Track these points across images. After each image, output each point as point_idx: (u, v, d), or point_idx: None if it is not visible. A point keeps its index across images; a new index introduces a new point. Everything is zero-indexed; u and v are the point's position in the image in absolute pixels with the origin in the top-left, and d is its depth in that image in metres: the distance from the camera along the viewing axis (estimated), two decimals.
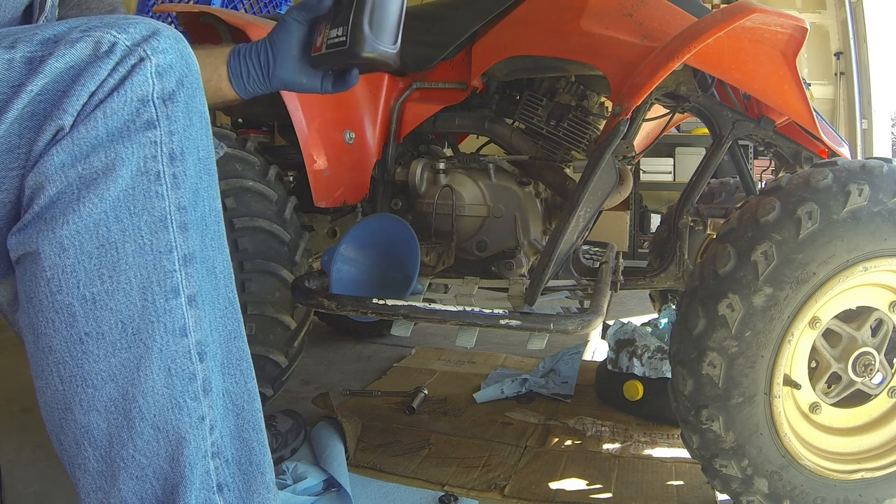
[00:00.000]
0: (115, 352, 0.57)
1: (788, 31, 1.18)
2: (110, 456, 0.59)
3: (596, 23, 1.30)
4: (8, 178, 0.54)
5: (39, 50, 0.53)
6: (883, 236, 0.98)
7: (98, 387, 0.57)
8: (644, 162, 4.10)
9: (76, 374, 0.57)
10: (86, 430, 0.58)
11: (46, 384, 0.58)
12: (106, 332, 0.57)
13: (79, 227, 0.54)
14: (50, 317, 0.56)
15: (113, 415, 0.58)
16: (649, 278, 1.46)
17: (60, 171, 0.53)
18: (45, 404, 0.60)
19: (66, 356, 0.57)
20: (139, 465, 0.60)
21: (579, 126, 1.46)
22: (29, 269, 0.55)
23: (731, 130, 1.33)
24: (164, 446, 0.60)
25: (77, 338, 0.56)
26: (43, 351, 0.57)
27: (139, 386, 0.58)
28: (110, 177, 0.54)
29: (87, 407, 0.58)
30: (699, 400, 1.02)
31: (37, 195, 0.54)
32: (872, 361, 1.06)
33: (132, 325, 0.57)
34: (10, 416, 1.60)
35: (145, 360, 0.58)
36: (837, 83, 4.04)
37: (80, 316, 0.56)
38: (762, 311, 0.98)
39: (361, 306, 1.20)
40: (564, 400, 1.70)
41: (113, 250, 0.56)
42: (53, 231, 0.53)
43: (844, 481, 1.07)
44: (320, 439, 1.35)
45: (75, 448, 0.59)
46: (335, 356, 2.13)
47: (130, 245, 0.56)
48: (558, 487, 1.27)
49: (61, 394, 0.58)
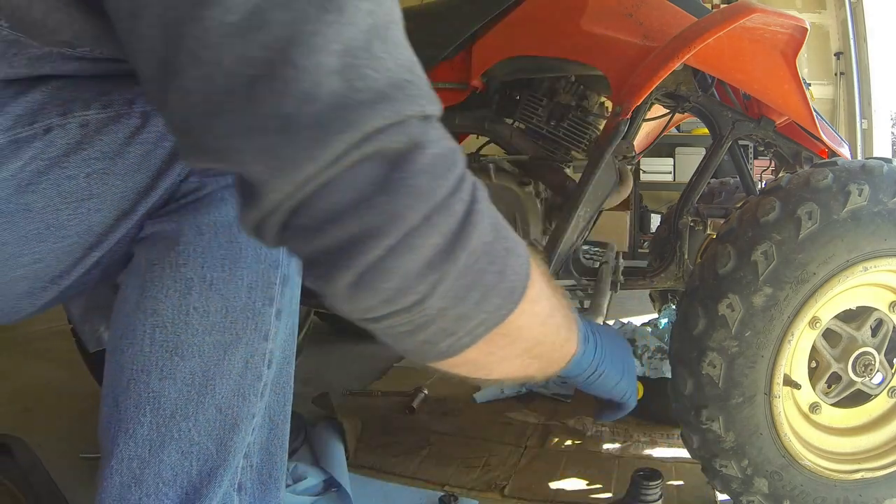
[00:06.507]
0: (212, 331, 0.63)
1: (788, 31, 1.19)
2: (167, 426, 0.63)
3: (596, 23, 1.30)
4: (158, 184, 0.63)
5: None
6: (883, 236, 0.98)
7: (186, 357, 0.62)
8: (644, 162, 4.10)
9: (170, 340, 0.62)
10: (154, 396, 0.62)
11: (131, 343, 0.63)
12: (211, 312, 0.63)
13: (217, 219, 0.63)
14: (167, 283, 0.62)
15: (188, 387, 0.63)
16: (649, 278, 1.46)
17: (213, 179, 0.65)
18: (117, 363, 0.64)
19: (167, 322, 0.62)
20: (191, 441, 0.64)
21: (579, 126, 1.46)
22: (161, 241, 0.62)
23: (731, 130, 1.33)
24: (219, 429, 0.65)
25: (185, 309, 0.62)
26: (144, 311, 0.62)
27: (220, 367, 0.64)
28: None
29: (166, 374, 0.62)
30: (699, 400, 1.02)
31: (191, 192, 0.64)
32: (872, 361, 1.06)
33: (233, 314, 0.64)
34: (11, 416, 1.60)
35: (232, 347, 0.64)
36: (837, 83, 4.04)
37: (195, 291, 0.62)
38: (762, 311, 0.98)
39: None
40: (564, 400, 1.70)
41: (237, 248, 0.63)
42: (196, 217, 0.62)
43: (844, 481, 1.07)
44: (320, 439, 1.35)
45: (133, 412, 0.63)
46: (335, 356, 2.13)
47: (251, 250, 0.64)
48: (558, 487, 1.27)
49: (145, 356, 0.62)
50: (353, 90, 0.40)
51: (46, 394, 1.78)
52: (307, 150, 0.40)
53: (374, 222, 0.42)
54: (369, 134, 0.41)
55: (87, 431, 1.54)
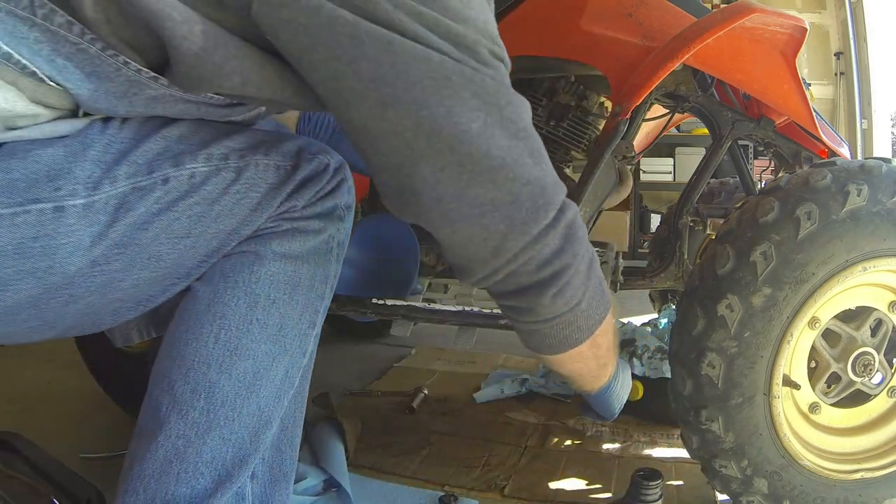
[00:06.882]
0: (267, 341, 0.74)
1: (788, 31, 1.19)
2: (215, 413, 0.72)
3: (596, 23, 1.30)
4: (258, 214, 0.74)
5: (287, 161, 0.75)
6: (882, 236, 0.98)
7: (242, 358, 0.73)
8: (644, 162, 4.10)
9: (232, 341, 0.73)
10: (211, 386, 0.72)
11: (197, 338, 0.72)
12: (269, 325, 0.74)
13: (287, 251, 0.75)
14: (238, 295, 0.73)
15: (240, 383, 0.73)
16: (649, 278, 1.46)
17: (289, 221, 0.76)
18: (178, 353, 0.73)
19: (232, 325, 0.73)
20: (232, 430, 0.73)
21: (579, 126, 1.46)
22: (240, 259, 0.74)
23: (731, 130, 1.33)
24: (256, 423, 0.75)
25: (249, 319, 0.73)
26: (213, 314, 0.73)
27: (267, 372, 0.75)
28: (316, 235, 0.77)
29: (224, 369, 0.72)
30: (698, 400, 1.02)
31: (276, 227, 0.75)
32: (872, 361, 1.06)
33: (286, 329, 0.76)
34: (11, 416, 1.60)
35: (279, 357, 0.76)
36: (837, 83, 4.04)
37: (259, 307, 0.74)
38: (761, 311, 0.98)
39: (361, 306, 1.19)
40: (564, 400, 1.70)
41: (298, 276, 0.76)
42: (272, 246, 0.74)
43: (844, 481, 1.07)
44: (320, 439, 1.35)
45: (189, 395, 0.72)
46: (335, 356, 2.13)
47: (307, 280, 0.77)
48: (558, 487, 1.27)
49: (208, 351, 0.72)
50: (548, 174, 0.69)
51: (46, 394, 1.79)
52: (535, 221, 0.68)
53: (567, 260, 0.72)
54: (559, 208, 0.70)
55: (87, 431, 1.54)
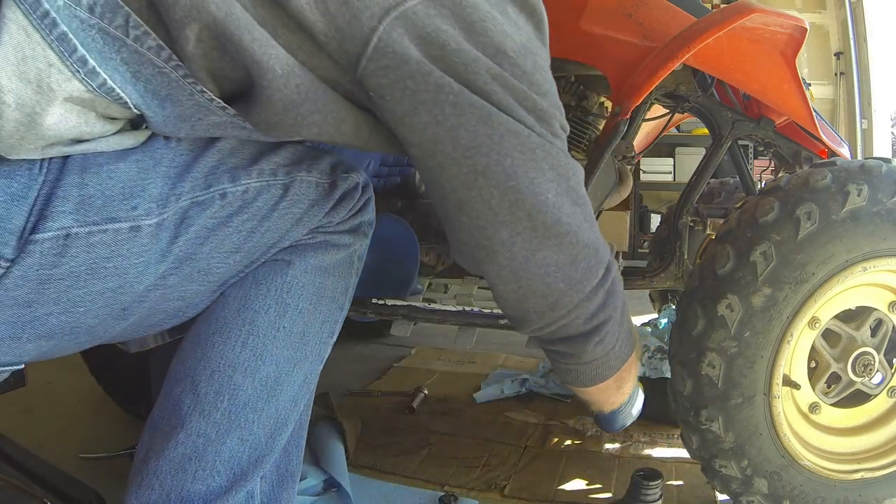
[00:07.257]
0: (290, 347, 0.77)
1: (788, 31, 1.18)
2: (237, 414, 0.74)
3: (595, 23, 1.30)
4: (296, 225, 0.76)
5: (326, 178, 0.77)
6: (882, 236, 0.98)
7: (266, 363, 0.75)
8: (644, 162, 4.10)
9: (258, 346, 0.75)
10: (235, 389, 0.74)
11: (224, 342, 0.74)
12: (293, 332, 0.77)
13: (319, 263, 0.78)
14: (269, 303, 0.75)
15: (262, 387, 0.75)
16: (649, 278, 1.46)
17: (323, 235, 0.79)
18: (203, 354, 0.74)
19: (260, 331, 0.75)
20: (250, 432, 0.75)
21: (579, 126, 1.46)
22: (273, 268, 0.76)
23: (731, 130, 1.33)
24: (274, 425, 0.77)
25: (277, 326, 0.76)
26: (242, 320, 0.75)
27: (288, 377, 0.78)
28: (344, 249, 0.80)
29: (249, 373, 0.74)
30: (698, 400, 1.02)
31: (310, 238, 0.78)
32: (872, 361, 1.06)
33: (307, 338, 0.79)
34: (11, 416, 1.60)
35: (300, 363, 0.79)
36: (837, 83, 4.04)
37: (287, 315, 0.76)
38: (761, 311, 0.98)
39: (361, 306, 1.19)
40: (564, 400, 1.70)
41: (324, 287, 0.79)
42: (304, 258, 0.77)
43: (844, 481, 1.07)
44: (320, 439, 1.35)
45: (213, 397, 0.73)
46: (335, 356, 2.11)
47: (331, 291, 0.80)
48: (558, 487, 1.27)
49: (235, 354, 0.74)
50: (599, 236, 0.76)
51: (46, 394, 1.79)
52: (588, 279, 0.75)
53: (609, 313, 0.79)
54: (606, 267, 0.77)
55: (87, 431, 1.54)
